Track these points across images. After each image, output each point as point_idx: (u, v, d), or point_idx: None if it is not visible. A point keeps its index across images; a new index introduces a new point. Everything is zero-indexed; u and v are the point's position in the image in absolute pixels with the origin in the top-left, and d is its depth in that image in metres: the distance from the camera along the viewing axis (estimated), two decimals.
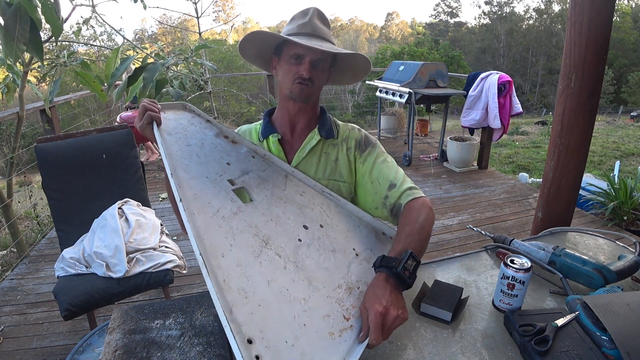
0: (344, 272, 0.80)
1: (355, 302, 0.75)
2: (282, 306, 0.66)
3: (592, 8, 1.62)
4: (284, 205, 0.87)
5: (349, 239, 0.89)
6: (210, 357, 0.70)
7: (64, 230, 1.82)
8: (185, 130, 0.91)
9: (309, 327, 0.65)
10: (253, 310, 0.62)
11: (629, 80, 25.83)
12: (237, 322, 0.58)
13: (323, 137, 1.06)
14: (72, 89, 13.10)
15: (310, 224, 0.86)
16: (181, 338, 0.74)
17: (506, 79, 3.86)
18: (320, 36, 0.97)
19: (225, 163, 0.89)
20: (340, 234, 0.89)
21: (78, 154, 1.87)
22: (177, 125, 0.91)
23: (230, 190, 0.82)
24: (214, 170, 0.85)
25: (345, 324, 0.70)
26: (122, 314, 0.80)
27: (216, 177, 0.84)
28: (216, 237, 0.70)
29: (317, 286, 0.73)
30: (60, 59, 2.35)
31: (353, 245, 0.88)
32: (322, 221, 0.89)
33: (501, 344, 0.76)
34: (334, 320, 0.69)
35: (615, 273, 0.87)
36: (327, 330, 0.67)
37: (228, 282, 0.63)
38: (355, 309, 0.73)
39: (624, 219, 3.08)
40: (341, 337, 0.67)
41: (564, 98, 1.79)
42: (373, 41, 56.56)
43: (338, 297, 0.74)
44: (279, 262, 0.73)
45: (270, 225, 0.79)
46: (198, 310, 0.82)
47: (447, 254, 1.11)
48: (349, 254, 0.85)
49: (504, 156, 6.80)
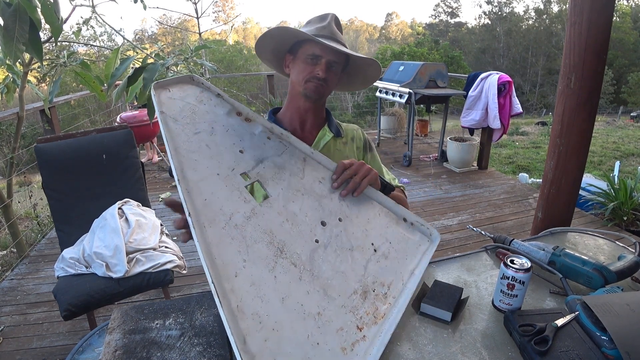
0: (361, 273, 0.78)
1: (370, 308, 0.74)
2: (296, 326, 0.64)
3: (592, 8, 1.62)
4: (302, 198, 0.81)
5: (368, 232, 0.85)
6: (210, 357, 0.70)
7: (64, 230, 1.82)
8: (192, 112, 0.82)
9: (321, 346, 0.65)
10: (267, 337, 0.60)
11: (628, 80, 25.83)
12: (250, 353, 0.57)
13: (334, 134, 1.12)
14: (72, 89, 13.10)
15: (329, 219, 0.81)
16: (181, 338, 0.74)
17: (506, 79, 3.86)
18: (338, 40, 1.02)
19: (239, 151, 0.81)
20: (359, 228, 0.84)
21: (78, 154, 1.87)
22: (183, 107, 0.81)
23: (243, 188, 0.76)
24: (226, 163, 0.77)
25: (358, 335, 0.69)
26: (122, 314, 0.80)
27: (228, 172, 0.76)
28: (229, 252, 0.66)
29: (332, 295, 0.71)
30: (60, 59, 2.35)
31: (372, 239, 0.84)
32: (341, 213, 0.84)
33: (501, 344, 0.76)
34: (347, 333, 0.68)
35: (615, 273, 0.87)
36: (340, 345, 0.66)
37: (241, 307, 0.61)
38: (369, 316, 0.73)
39: (624, 219, 3.08)
40: (353, 351, 0.67)
41: (564, 98, 1.79)
42: (373, 41, 56.62)
43: (353, 305, 0.72)
44: (294, 272, 0.70)
45: (286, 227, 0.75)
46: (198, 310, 0.82)
47: (447, 254, 1.11)
48: (367, 251, 0.82)
49: (504, 156, 6.81)
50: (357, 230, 0.84)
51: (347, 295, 0.73)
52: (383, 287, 0.78)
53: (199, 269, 2.42)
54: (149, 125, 4.01)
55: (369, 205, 0.90)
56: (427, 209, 3.33)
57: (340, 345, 0.67)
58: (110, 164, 1.92)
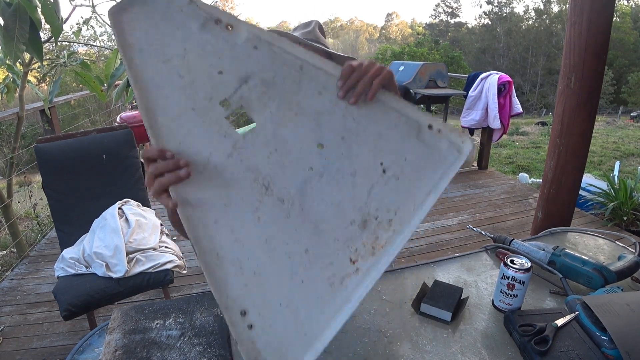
0: (362, 200, 0.70)
1: (369, 238, 0.69)
2: (279, 266, 0.63)
3: (592, 8, 1.63)
4: (295, 119, 0.69)
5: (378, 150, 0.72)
6: (210, 357, 0.70)
7: (64, 230, 1.82)
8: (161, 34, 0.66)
9: (306, 283, 0.64)
10: (247, 281, 0.61)
11: (628, 80, 25.85)
12: (230, 297, 0.59)
13: None
14: (72, 89, 13.09)
15: (328, 140, 0.70)
16: (181, 338, 0.74)
17: (506, 79, 3.86)
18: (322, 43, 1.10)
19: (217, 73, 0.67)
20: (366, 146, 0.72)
21: (78, 154, 1.87)
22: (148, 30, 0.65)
23: (224, 120, 0.66)
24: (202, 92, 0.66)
25: (351, 268, 0.66)
26: (122, 314, 0.80)
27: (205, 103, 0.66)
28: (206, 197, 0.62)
29: (324, 229, 0.67)
30: (60, 59, 2.36)
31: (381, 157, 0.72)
32: (345, 130, 0.71)
33: (501, 344, 0.76)
34: (337, 267, 0.66)
35: (615, 273, 0.87)
36: (328, 281, 0.65)
37: (221, 254, 0.61)
38: (366, 247, 0.68)
39: (624, 219, 3.08)
40: (342, 285, 0.65)
41: (564, 98, 1.79)
42: (373, 41, 56.59)
43: (348, 236, 0.68)
44: (280, 210, 0.66)
45: (274, 159, 0.67)
46: (198, 310, 0.82)
47: (447, 254, 1.11)
48: (373, 173, 0.71)
49: (504, 156, 6.81)
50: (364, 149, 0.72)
51: (343, 227, 0.68)
52: (388, 212, 0.71)
53: (199, 269, 2.39)
54: None
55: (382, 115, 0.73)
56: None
57: (329, 282, 0.65)
58: (110, 164, 1.92)
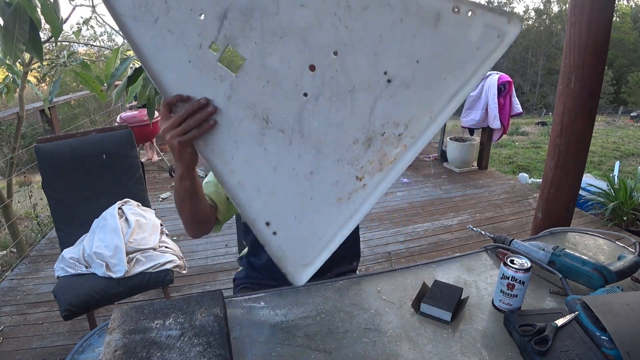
0: (365, 118, 0.69)
1: (375, 155, 0.71)
2: (290, 187, 0.73)
3: (592, 8, 1.63)
4: (280, 43, 0.66)
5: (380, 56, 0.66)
6: (210, 357, 0.70)
7: (64, 230, 1.82)
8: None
9: (315, 200, 0.73)
10: (266, 200, 0.73)
11: (628, 80, 25.86)
12: (255, 212, 0.73)
13: None
14: (72, 89, 13.08)
15: (319, 58, 0.66)
16: (181, 338, 0.74)
17: (506, 79, 3.86)
18: None
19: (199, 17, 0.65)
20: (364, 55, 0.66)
21: (78, 154, 1.87)
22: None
23: (217, 64, 0.67)
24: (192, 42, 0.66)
25: (357, 184, 0.72)
26: (122, 314, 0.80)
27: (197, 52, 0.66)
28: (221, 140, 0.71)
29: (326, 152, 0.71)
30: (60, 59, 2.36)
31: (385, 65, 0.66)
32: (337, 43, 0.66)
33: (501, 344, 0.76)
34: (344, 185, 0.72)
35: (615, 273, 0.87)
36: (335, 197, 0.72)
37: (243, 183, 0.73)
38: (372, 164, 0.71)
39: (624, 219, 3.08)
40: (350, 200, 0.72)
41: (564, 98, 1.79)
42: None
43: (352, 156, 0.71)
44: (283, 139, 0.71)
45: (267, 92, 0.68)
46: (198, 310, 0.82)
47: (446, 254, 1.11)
48: (375, 87, 0.67)
49: (504, 156, 6.81)
50: (362, 60, 0.66)
51: (345, 148, 0.71)
52: (397, 127, 0.69)
53: (198, 268, 2.42)
54: (149, 125, 4.02)
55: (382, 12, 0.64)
56: (427, 209, 3.34)
57: (336, 197, 0.72)
58: (110, 164, 1.92)
